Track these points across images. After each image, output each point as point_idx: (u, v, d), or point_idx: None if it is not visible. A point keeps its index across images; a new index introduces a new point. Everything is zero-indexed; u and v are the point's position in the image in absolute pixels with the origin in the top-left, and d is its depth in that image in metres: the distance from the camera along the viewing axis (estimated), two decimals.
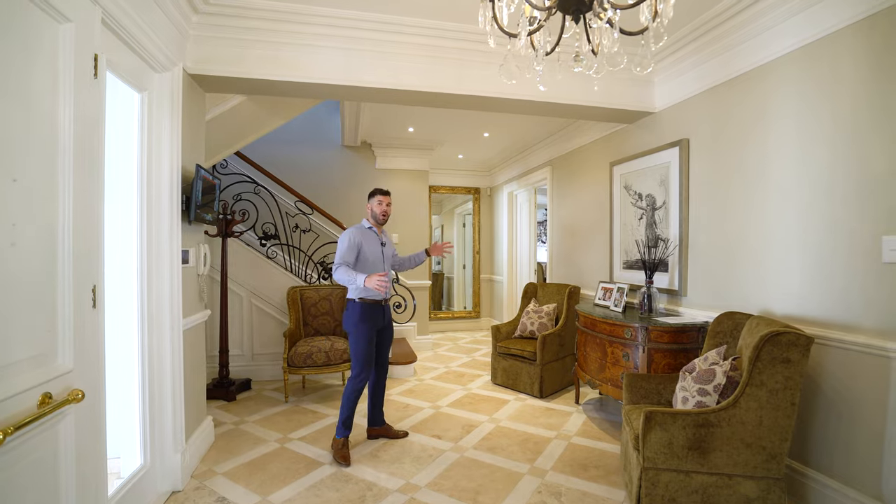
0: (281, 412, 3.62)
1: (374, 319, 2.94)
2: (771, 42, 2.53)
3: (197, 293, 2.89)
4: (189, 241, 2.77)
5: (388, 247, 3.17)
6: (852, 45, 2.16)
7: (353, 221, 5.58)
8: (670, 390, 2.63)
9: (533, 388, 4.08)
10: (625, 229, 3.92)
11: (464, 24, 2.90)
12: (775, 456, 2.01)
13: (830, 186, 2.26)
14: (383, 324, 3.03)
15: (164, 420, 2.45)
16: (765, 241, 2.61)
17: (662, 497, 2.10)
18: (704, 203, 3.06)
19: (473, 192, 7.72)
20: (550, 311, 4.45)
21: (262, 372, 4.44)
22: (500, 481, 2.57)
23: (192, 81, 2.79)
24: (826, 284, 2.28)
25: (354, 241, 2.91)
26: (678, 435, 2.07)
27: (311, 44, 2.83)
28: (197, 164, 2.62)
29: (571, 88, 3.25)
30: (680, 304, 3.28)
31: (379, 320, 2.98)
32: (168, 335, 2.45)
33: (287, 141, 5.49)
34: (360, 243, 2.93)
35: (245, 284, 4.33)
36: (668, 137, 3.37)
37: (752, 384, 2.01)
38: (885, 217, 2.03)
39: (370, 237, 3.01)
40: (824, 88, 2.28)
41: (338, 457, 2.79)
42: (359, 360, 2.89)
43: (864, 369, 2.10)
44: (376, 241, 3.04)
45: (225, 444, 3.02)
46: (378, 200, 3.03)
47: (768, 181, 2.59)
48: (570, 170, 4.97)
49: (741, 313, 2.56)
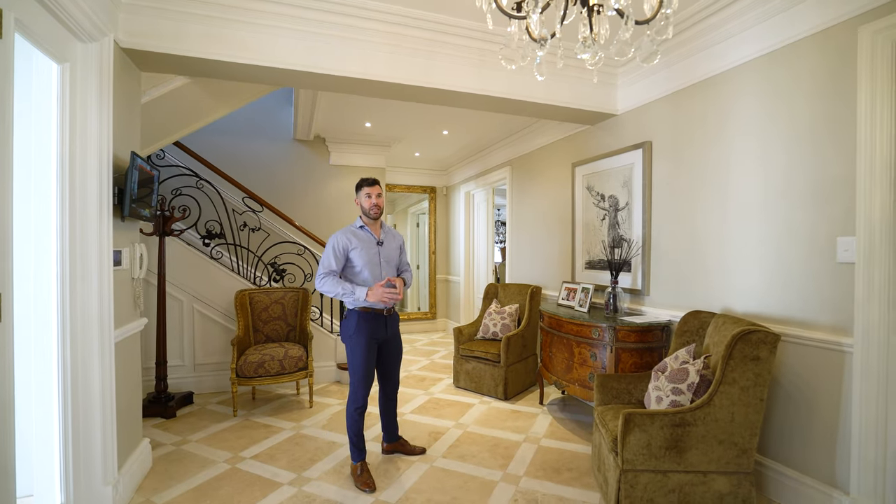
0: (229, 428, 3.30)
1: (373, 330, 2.60)
2: (732, 50, 2.62)
3: (132, 299, 2.54)
4: (122, 240, 2.42)
5: (390, 245, 2.75)
6: (809, 55, 2.27)
7: (305, 220, 5.28)
8: (640, 389, 2.65)
9: (497, 390, 4.02)
10: (587, 230, 3.96)
11: (434, 14, 2.77)
12: (746, 451, 2.06)
13: (788, 189, 2.37)
14: (386, 335, 2.70)
15: (91, 447, 2.11)
16: (726, 241, 2.71)
17: (641, 498, 2.09)
18: (667, 204, 3.14)
19: (429, 191, 7.60)
20: (513, 311, 4.42)
21: (205, 384, 4.05)
22: (475, 491, 2.47)
23: (125, 57, 2.45)
24: (784, 283, 2.38)
25: (340, 248, 2.58)
26: (656, 435, 2.07)
27: (269, 24, 2.57)
28: (132, 152, 2.29)
29: (538, 87, 3.22)
30: (643, 303, 3.35)
31: (381, 331, 2.64)
32: (97, 349, 2.12)
33: (233, 132, 5.07)
34: (347, 248, 2.60)
35: (186, 288, 3.92)
36: (631, 140, 3.43)
37: (725, 382, 2.04)
38: (840, 219, 2.15)
39: (363, 238, 2.66)
40: (783, 96, 2.39)
41: (358, 483, 2.49)
42: (355, 375, 2.57)
43: (821, 364, 2.21)
44: (371, 241, 2.68)
45: (165, 468, 2.69)
46: (366, 193, 2.65)
47: (729, 184, 2.68)
48: (530, 170, 4.98)
49: (706, 312, 2.64)
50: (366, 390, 2.59)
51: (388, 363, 2.80)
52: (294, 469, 2.69)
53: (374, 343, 2.63)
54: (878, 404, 2.00)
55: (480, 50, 3.01)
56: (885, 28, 1.96)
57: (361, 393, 2.57)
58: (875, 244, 2.00)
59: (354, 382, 2.57)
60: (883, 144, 1.98)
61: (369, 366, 2.60)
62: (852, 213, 2.09)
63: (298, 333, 4.05)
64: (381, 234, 2.74)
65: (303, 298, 4.09)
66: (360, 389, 2.57)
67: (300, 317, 4.07)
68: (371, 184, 2.68)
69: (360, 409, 2.57)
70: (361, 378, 2.57)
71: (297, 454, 2.88)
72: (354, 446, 2.57)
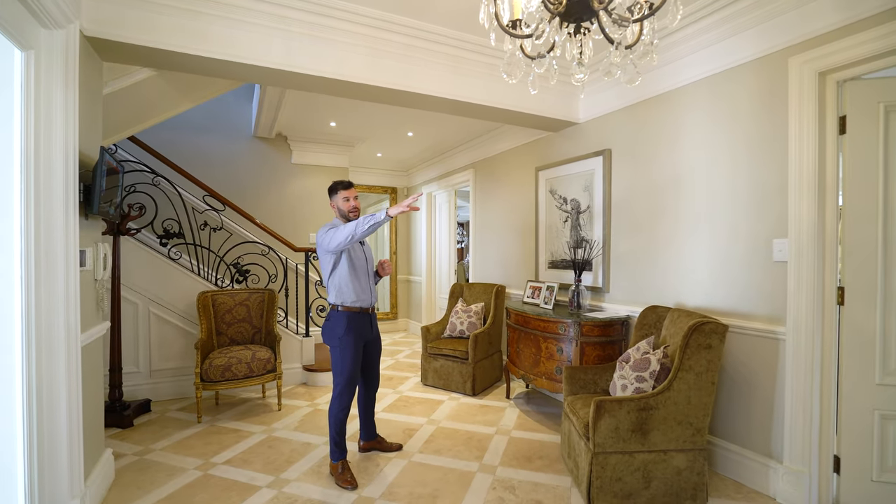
0: (195, 435, 3.18)
1: (361, 330, 2.62)
2: (684, 69, 2.90)
3: (95, 302, 2.41)
4: (85, 239, 2.29)
5: (367, 245, 2.84)
6: (748, 79, 2.57)
7: (267, 219, 5.15)
8: (605, 379, 2.86)
9: (465, 386, 4.15)
10: (550, 231, 4.18)
11: (411, 19, 2.84)
12: (700, 430, 2.30)
13: (732, 196, 2.66)
14: (371, 336, 2.74)
15: (56, 459, 1.99)
16: (679, 242, 2.99)
17: (611, 478, 2.27)
18: (626, 208, 3.40)
19: (390, 191, 7.61)
20: (479, 310, 4.56)
21: (163, 390, 3.86)
22: (455, 482, 2.56)
23: (88, 46, 2.32)
24: (728, 280, 2.68)
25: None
26: (624, 420, 2.27)
27: (246, 20, 2.53)
28: (101, 147, 2.18)
29: (507, 94, 3.37)
30: (603, 300, 3.60)
31: (367, 331, 2.68)
32: (63, 353, 2.00)
33: (188, 127, 4.85)
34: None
35: (141, 290, 3.72)
36: (592, 147, 3.68)
37: (682, 368, 2.28)
38: (774, 223, 2.46)
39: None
40: (726, 113, 2.68)
41: (340, 482, 2.50)
42: (343, 376, 2.56)
43: (759, 350, 2.52)
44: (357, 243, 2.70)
45: (131, 479, 2.56)
46: (343, 197, 2.65)
47: (681, 190, 2.96)
48: (494, 173, 5.16)
49: (662, 307, 2.90)
50: (353, 391, 2.62)
51: (373, 362, 2.84)
52: (271, 472, 2.66)
53: (362, 343, 2.66)
54: (805, 384, 2.31)
55: (455, 57, 3.12)
56: (811, 60, 2.27)
57: (349, 394, 2.59)
58: (803, 245, 2.32)
59: (341, 384, 2.58)
60: (809, 159, 2.30)
61: (358, 365, 2.62)
62: (785, 217, 2.40)
63: (265, 335, 3.96)
64: None
65: (269, 300, 4.00)
66: (348, 390, 2.59)
67: (266, 318, 3.98)
68: (347, 186, 2.70)
69: (346, 409, 2.59)
70: (350, 379, 2.58)
71: (272, 457, 2.84)
72: (336, 445, 2.58)
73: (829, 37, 2.21)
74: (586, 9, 1.30)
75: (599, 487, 2.27)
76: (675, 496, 2.30)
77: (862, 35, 2.08)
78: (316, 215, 5.57)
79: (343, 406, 2.58)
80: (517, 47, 1.51)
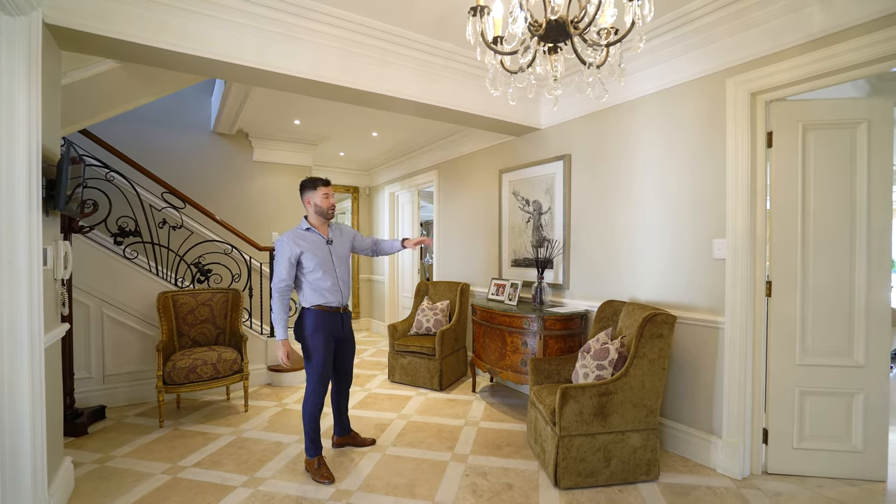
0: (158, 439, 3.08)
1: (331, 328, 2.68)
2: (637, 83, 3.16)
3: (55, 302, 2.30)
4: (46, 237, 2.19)
5: (340, 243, 2.81)
6: (692, 95, 2.86)
7: (229, 218, 5.02)
8: (567, 369, 3.08)
9: (433, 382, 4.26)
10: (513, 231, 4.38)
11: (386, 24, 2.91)
12: (653, 411, 2.55)
13: (679, 200, 2.95)
14: (343, 334, 2.79)
15: (19, 466, 1.92)
16: (632, 241, 3.25)
17: (575, 458, 2.47)
18: (584, 210, 3.65)
19: (352, 190, 7.58)
20: (444, 307, 4.69)
21: (118, 396, 3.68)
22: (429, 472, 2.67)
23: (48, 34, 2.22)
24: (675, 276, 2.97)
25: (292, 256, 2.60)
26: (587, 404, 2.47)
27: (216, 16, 2.50)
28: (67, 139, 2.10)
29: (474, 100, 3.51)
30: (564, 296, 3.83)
31: (338, 330, 2.73)
32: (27, 356, 1.93)
33: (142, 121, 4.63)
34: (298, 254, 2.61)
35: (94, 291, 3.54)
36: (553, 152, 3.90)
37: (638, 356, 2.51)
38: (714, 225, 2.76)
39: (313, 240, 2.68)
40: (675, 124, 2.97)
41: (317, 477, 2.54)
42: (315, 373, 2.61)
43: (702, 338, 2.81)
44: (321, 242, 2.71)
45: (93, 487, 2.47)
46: (323, 193, 2.69)
47: (634, 194, 3.23)
48: (458, 174, 5.30)
49: (618, 301, 3.15)
50: (325, 387, 2.66)
51: (345, 359, 2.90)
52: (244, 471, 2.65)
53: (332, 340, 2.71)
54: (740, 367, 2.62)
55: (427, 62, 3.22)
56: (744, 82, 2.58)
57: (321, 390, 2.64)
58: (738, 244, 2.62)
59: (314, 380, 2.62)
60: (743, 168, 2.60)
61: (329, 363, 2.67)
62: (723, 220, 2.70)
63: (229, 336, 3.88)
64: (330, 232, 2.79)
65: (233, 299, 3.92)
66: (321, 387, 2.63)
67: (231, 318, 3.90)
68: (327, 183, 2.74)
69: (319, 405, 2.63)
70: (321, 375, 2.63)
71: (244, 457, 2.83)
72: (312, 442, 2.62)
73: (759, 62, 2.52)
74: (563, 32, 1.45)
75: (565, 468, 2.46)
76: (632, 472, 2.53)
77: (785, 63, 2.40)
78: (279, 214, 5.48)
79: (316, 402, 2.63)
80: (498, 62, 1.64)
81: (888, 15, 2.08)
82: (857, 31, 2.17)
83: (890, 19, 2.07)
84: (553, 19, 1.44)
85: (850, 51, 2.19)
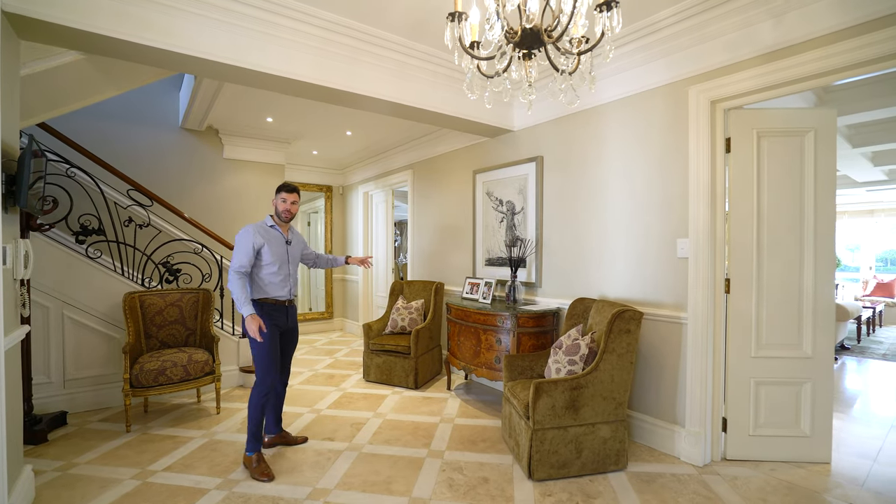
0: (126, 444, 2.99)
1: (275, 318, 2.78)
2: (608, 88, 3.29)
3: (15, 303, 2.21)
4: (5, 235, 2.10)
5: (296, 245, 2.99)
6: (658, 101, 3.00)
7: (198, 217, 4.89)
8: (540, 365, 3.17)
9: (408, 380, 4.29)
10: (487, 231, 4.46)
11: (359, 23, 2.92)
12: (622, 403, 2.66)
13: (646, 201, 3.09)
14: (287, 325, 2.88)
15: None
16: (602, 241, 3.38)
17: (548, 451, 2.56)
18: (556, 210, 3.75)
19: (325, 189, 7.51)
20: (419, 306, 4.73)
21: (80, 401, 3.54)
22: (406, 468, 2.70)
23: (6, 23, 2.13)
24: (642, 274, 3.10)
25: (254, 243, 2.70)
26: (559, 398, 2.56)
27: (188, 10, 2.46)
28: (29, 134, 2.02)
29: (447, 101, 3.57)
30: (536, 294, 3.93)
31: (282, 321, 2.83)
32: None
33: (106, 115, 4.44)
34: (260, 245, 2.72)
35: (54, 293, 3.38)
36: (526, 153, 4.00)
37: (607, 351, 2.62)
38: (678, 225, 2.90)
39: (274, 236, 2.83)
40: (642, 129, 3.10)
41: (257, 474, 2.55)
42: (262, 364, 2.67)
43: (666, 333, 2.95)
44: (281, 240, 2.87)
45: (56, 495, 2.38)
46: (282, 198, 2.86)
47: (604, 195, 3.36)
48: (432, 174, 5.34)
49: (589, 298, 3.27)
50: (274, 375, 2.71)
51: (286, 353, 2.97)
52: (217, 474, 2.61)
53: (276, 330, 2.78)
54: (702, 360, 2.77)
55: (401, 63, 3.25)
56: (705, 90, 2.73)
57: (270, 378, 2.69)
58: (700, 244, 2.77)
59: (262, 368, 2.68)
60: (704, 172, 2.75)
61: (274, 350, 2.73)
62: (686, 220, 2.85)
63: (200, 337, 3.79)
64: (290, 234, 2.96)
65: (204, 300, 3.83)
66: (269, 375, 2.69)
67: (201, 319, 3.81)
68: (290, 190, 2.89)
69: (268, 394, 2.69)
70: (269, 363, 2.69)
71: (217, 459, 2.78)
72: (254, 436, 2.65)
73: (718, 72, 2.68)
74: (537, 40, 1.52)
75: (539, 460, 2.55)
76: (602, 462, 2.64)
77: (742, 73, 2.56)
78: (250, 213, 5.37)
79: (264, 391, 2.68)
80: (475, 66, 1.70)
81: (831, 33, 2.25)
82: (804, 46, 2.34)
83: (833, 37, 2.25)
84: (528, 27, 1.51)
85: (798, 65, 2.36)
